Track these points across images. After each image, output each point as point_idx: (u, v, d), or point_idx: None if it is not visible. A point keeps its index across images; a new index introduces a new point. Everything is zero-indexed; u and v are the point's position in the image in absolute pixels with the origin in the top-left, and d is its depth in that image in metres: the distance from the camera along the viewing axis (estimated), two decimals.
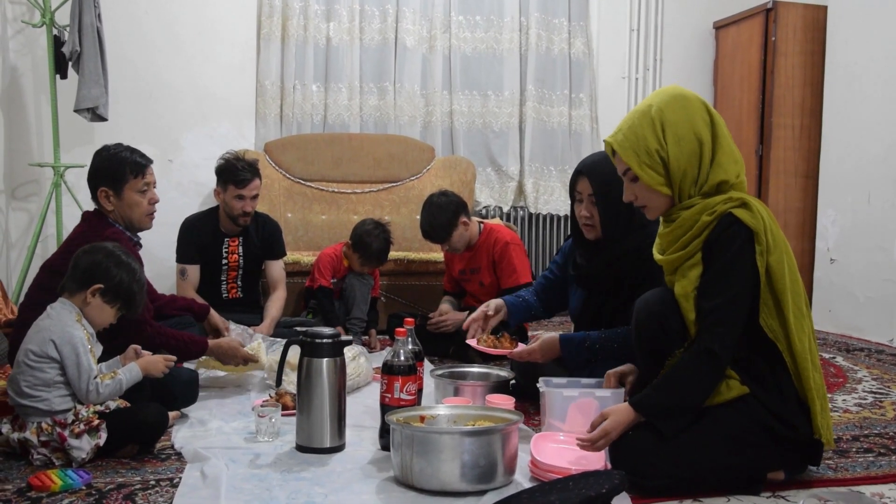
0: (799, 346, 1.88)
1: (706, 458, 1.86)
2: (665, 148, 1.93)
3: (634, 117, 1.98)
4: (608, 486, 1.65)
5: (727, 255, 1.86)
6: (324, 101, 4.96)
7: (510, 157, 5.26)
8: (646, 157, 1.94)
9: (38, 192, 4.57)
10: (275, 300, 3.59)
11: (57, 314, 2.17)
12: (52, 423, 2.08)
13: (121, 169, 2.62)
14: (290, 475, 2.02)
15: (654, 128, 1.93)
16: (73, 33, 4.01)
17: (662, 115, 1.94)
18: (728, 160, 1.95)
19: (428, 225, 3.58)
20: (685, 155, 1.93)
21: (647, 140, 1.94)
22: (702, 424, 1.88)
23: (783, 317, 1.89)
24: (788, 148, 4.96)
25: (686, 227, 1.94)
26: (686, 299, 1.91)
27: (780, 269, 1.88)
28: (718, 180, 1.93)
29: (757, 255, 1.86)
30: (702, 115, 1.95)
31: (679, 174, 1.94)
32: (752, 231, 1.86)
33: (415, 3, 5.03)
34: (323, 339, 2.21)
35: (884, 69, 4.28)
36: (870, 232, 4.36)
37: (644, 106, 1.99)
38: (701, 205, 1.93)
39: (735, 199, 1.90)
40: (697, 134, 1.93)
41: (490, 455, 1.89)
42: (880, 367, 3.57)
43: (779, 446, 1.90)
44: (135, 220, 2.68)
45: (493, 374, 2.77)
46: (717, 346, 1.83)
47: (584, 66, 5.36)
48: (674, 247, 1.97)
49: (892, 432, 2.52)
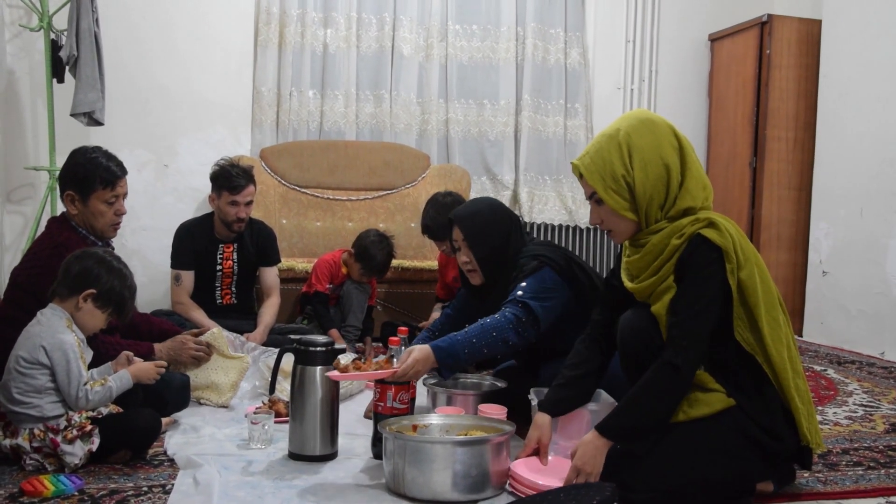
0: (777, 357, 1.89)
1: (694, 472, 1.87)
2: (631, 174, 1.93)
3: (602, 141, 1.97)
4: (599, 499, 1.66)
5: (695, 272, 1.87)
6: (320, 108, 4.97)
7: (505, 166, 5.28)
8: (611, 182, 1.94)
9: (33, 195, 4.57)
10: (268, 307, 3.59)
11: (47, 320, 2.16)
12: (44, 429, 2.08)
13: (91, 177, 2.54)
14: (282, 483, 2.02)
15: (622, 153, 1.93)
16: (71, 38, 4.01)
17: (630, 140, 1.93)
18: (696, 186, 1.95)
19: (432, 221, 3.56)
20: (651, 180, 1.93)
21: (614, 165, 1.93)
22: (689, 438, 1.88)
23: (758, 330, 1.89)
24: (782, 160, 4.99)
25: (656, 252, 1.94)
26: (662, 320, 1.92)
27: (751, 283, 1.89)
28: (685, 206, 1.94)
29: (728, 273, 1.86)
30: (670, 141, 1.95)
31: (645, 200, 1.94)
32: (721, 250, 1.86)
33: (412, 11, 5.05)
34: (316, 348, 2.22)
35: (877, 83, 4.31)
36: (862, 245, 4.38)
37: (612, 130, 1.98)
38: (669, 228, 1.93)
39: (702, 219, 1.90)
40: (665, 159, 1.93)
41: (482, 465, 1.90)
42: (871, 381, 3.59)
43: (766, 458, 1.91)
44: (97, 229, 2.61)
45: (487, 383, 2.78)
46: (679, 360, 1.82)
47: (579, 76, 5.38)
48: (645, 273, 1.97)
49: (881, 446, 2.53)
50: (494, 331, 2.39)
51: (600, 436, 1.88)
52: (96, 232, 2.63)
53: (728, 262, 1.86)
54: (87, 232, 2.61)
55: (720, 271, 1.86)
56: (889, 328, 4.18)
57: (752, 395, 1.91)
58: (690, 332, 1.85)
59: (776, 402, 1.91)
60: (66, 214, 2.64)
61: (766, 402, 1.91)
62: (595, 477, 1.86)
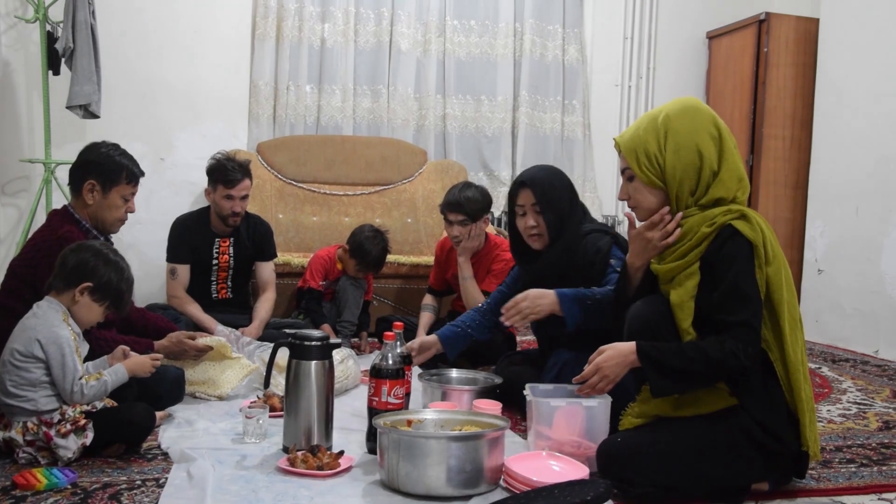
0: (792, 357, 1.89)
1: (693, 468, 1.87)
2: (663, 154, 1.97)
3: (644, 121, 2.03)
4: (593, 494, 1.66)
5: (736, 268, 1.87)
6: (317, 102, 4.96)
7: (502, 162, 5.27)
8: (644, 159, 1.99)
9: (28, 187, 4.55)
10: (264, 302, 3.58)
11: (43, 313, 2.16)
12: (38, 423, 2.07)
13: (118, 170, 2.62)
14: (276, 477, 2.02)
15: (658, 134, 1.98)
16: (67, 30, 4.00)
17: (668, 124, 1.98)
18: (731, 178, 1.96)
19: (463, 199, 3.46)
20: (682, 164, 1.96)
21: (648, 143, 1.99)
22: (691, 434, 1.89)
23: (778, 327, 1.90)
24: (779, 158, 4.99)
25: (686, 236, 1.95)
26: (681, 308, 1.92)
27: (777, 280, 1.90)
28: (718, 196, 1.95)
29: (756, 268, 1.88)
30: (708, 130, 1.97)
31: (675, 183, 1.97)
32: (751, 244, 1.88)
33: (410, 6, 5.04)
34: (312, 342, 2.21)
35: (874, 82, 4.31)
36: (857, 244, 4.39)
37: (655, 111, 2.04)
38: (699, 216, 1.95)
39: (734, 210, 1.92)
40: (699, 147, 1.95)
41: (476, 460, 1.90)
42: (865, 378, 3.60)
43: (765, 458, 1.91)
44: (107, 222, 2.65)
45: (481, 378, 2.78)
46: (741, 354, 1.82)
47: (577, 72, 5.38)
48: (672, 256, 1.98)
49: (874, 443, 2.54)
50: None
51: (634, 352, 1.91)
52: (104, 225, 2.65)
53: (757, 257, 1.87)
54: (89, 225, 2.62)
55: (753, 259, 1.87)
56: (883, 326, 4.19)
57: (758, 393, 1.91)
58: (752, 332, 1.84)
59: (781, 404, 1.92)
60: (68, 207, 2.64)
61: (771, 402, 1.91)
62: (609, 383, 1.93)
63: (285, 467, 2.05)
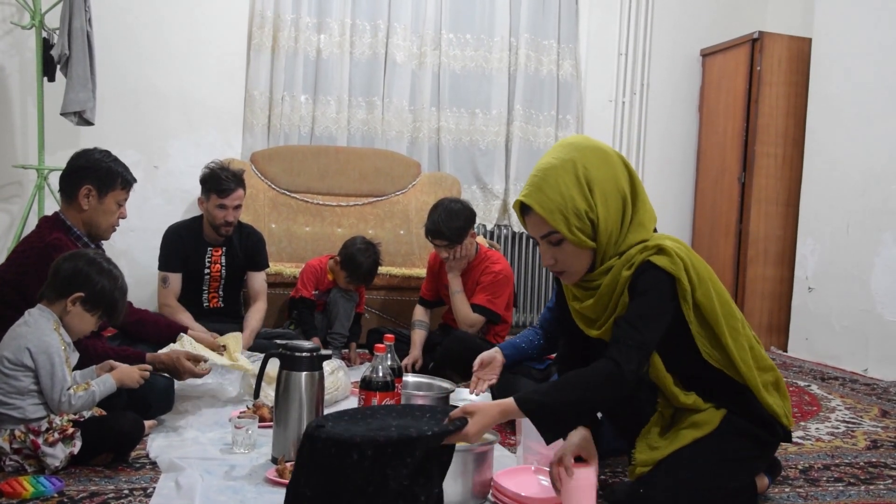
0: (744, 367, 1.88)
1: (714, 485, 1.85)
2: (594, 210, 1.81)
3: (554, 174, 1.82)
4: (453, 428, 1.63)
5: (642, 292, 1.78)
6: (312, 113, 4.97)
7: (496, 175, 5.29)
8: (576, 220, 1.80)
9: (20, 193, 4.54)
10: (255, 312, 3.58)
11: (35, 321, 2.15)
12: (25, 431, 2.06)
13: (115, 175, 2.66)
14: (264, 488, 2.02)
15: (582, 189, 1.80)
16: (63, 36, 4.00)
17: (588, 174, 1.81)
18: (648, 217, 1.88)
19: (443, 225, 3.42)
20: (612, 215, 1.83)
21: (576, 200, 1.80)
22: (702, 456, 1.85)
23: (722, 346, 1.87)
24: (770, 176, 5.02)
25: (609, 291, 1.85)
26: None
27: (708, 301, 1.84)
28: (638, 239, 1.85)
29: (680, 300, 1.80)
30: (622, 171, 1.85)
31: (606, 236, 1.83)
32: (672, 277, 1.78)
33: (406, 19, 5.07)
34: (302, 353, 2.21)
35: (865, 102, 4.35)
36: (847, 262, 4.42)
37: (560, 161, 1.83)
38: (618, 264, 1.84)
39: (651, 246, 1.82)
40: (621, 191, 1.84)
41: (465, 474, 1.90)
42: (854, 397, 3.61)
43: (763, 449, 1.96)
44: (101, 228, 2.67)
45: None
46: (622, 359, 1.71)
47: (571, 87, 5.41)
48: (604, 316, 1.88)
49: (862, 462, 2.55)
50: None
51: (514, 404, 1.71)
52: (97, 231, 2.67)
53: (681, 289, 1.79)
54: (80, 232, 2.62)
55: (668, 291, 1.79)
56: (872, 345, 4.21)
57: (735, 400, 1.92)
58: (635, 337, 1.74)
59: (756, 402, 1.93)
60: (59, 214, 2.64)
61: (748, 403, 1.92)
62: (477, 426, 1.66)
63: (274, 478, 2.05)
